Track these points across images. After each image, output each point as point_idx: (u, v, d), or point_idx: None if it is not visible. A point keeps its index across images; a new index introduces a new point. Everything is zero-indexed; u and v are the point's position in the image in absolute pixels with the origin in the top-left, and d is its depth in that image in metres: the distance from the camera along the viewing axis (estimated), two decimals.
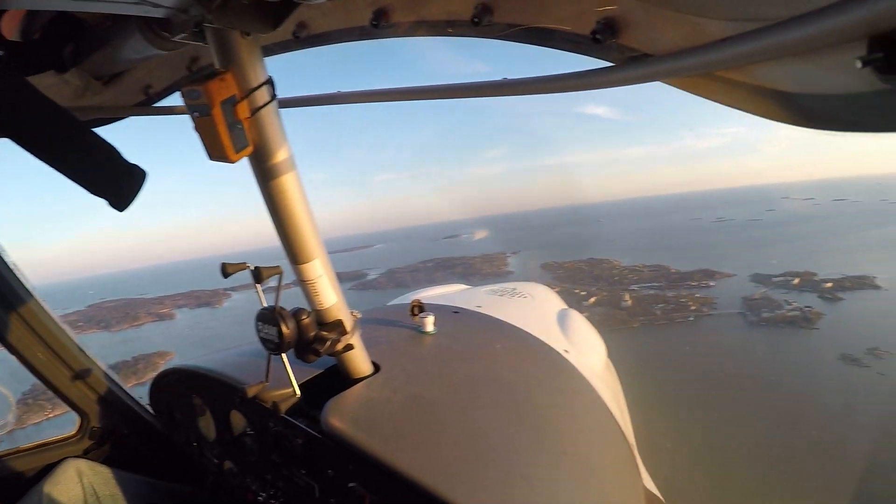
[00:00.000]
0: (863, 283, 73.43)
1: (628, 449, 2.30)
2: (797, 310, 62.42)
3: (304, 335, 1.62)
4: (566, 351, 2.51)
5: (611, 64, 0.95)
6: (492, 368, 2.15)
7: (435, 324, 2.37)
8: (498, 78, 1.14)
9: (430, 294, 3.61)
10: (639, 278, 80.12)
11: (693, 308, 64.47)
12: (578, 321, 3.09)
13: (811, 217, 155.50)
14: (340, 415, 1.67)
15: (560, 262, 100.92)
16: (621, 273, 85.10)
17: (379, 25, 1.19)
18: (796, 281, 73.56)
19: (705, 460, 26.84)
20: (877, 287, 73.28)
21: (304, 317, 1.61)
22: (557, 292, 3.75)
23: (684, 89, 0.94)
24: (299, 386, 1.80)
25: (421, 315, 2.41)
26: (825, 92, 0.72)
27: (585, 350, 2.76)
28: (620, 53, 0.92)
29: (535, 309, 3.09)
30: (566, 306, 3.37)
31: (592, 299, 69.42)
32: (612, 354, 3.09)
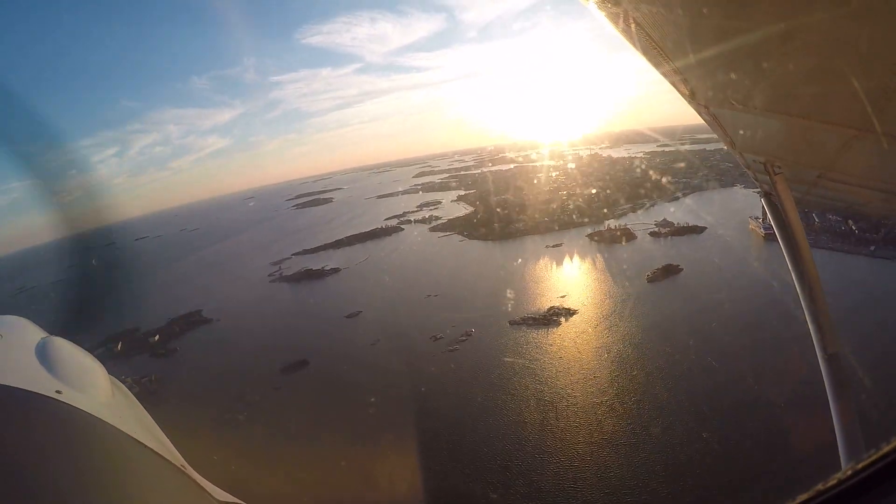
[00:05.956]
0: (193, 321, 68.46)
1: (176, 469, 2.17)
2: (135, 383, 51.70)
3: None
4: (58, 392, 2.16)
5: None
6: None
7: None
8: None
9: None
10: None
11: None
12: (65, 349, 2.76)
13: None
14: None
15: None
16: None
17: None
18: (120, 347, 61.18)
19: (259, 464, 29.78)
20: (207, 320, 68.05)
21: None
22: None
23: None
24: None
25: None
26: None
27: (81, 381, 2.42)
28: None
29: (9, 349, 2.63)
30: (47, 334, 2.98)
31: None
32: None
